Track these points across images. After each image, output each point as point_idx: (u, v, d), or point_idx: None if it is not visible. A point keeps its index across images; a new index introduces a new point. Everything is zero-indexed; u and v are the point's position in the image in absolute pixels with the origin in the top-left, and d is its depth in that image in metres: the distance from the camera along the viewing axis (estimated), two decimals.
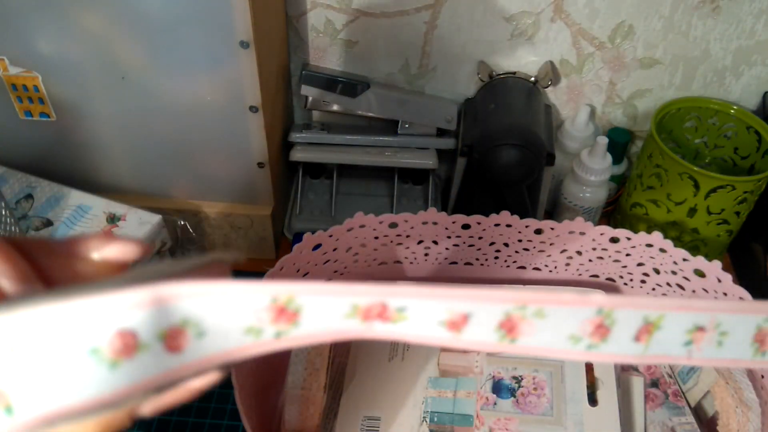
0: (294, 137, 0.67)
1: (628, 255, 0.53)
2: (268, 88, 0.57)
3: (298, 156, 0.67)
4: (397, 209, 0.70)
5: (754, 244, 0.68)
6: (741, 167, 0.66)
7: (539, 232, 0.53)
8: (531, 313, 0.18)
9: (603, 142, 0.63)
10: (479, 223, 0.53)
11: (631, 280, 0.56)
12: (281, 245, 0.69)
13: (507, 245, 0.55)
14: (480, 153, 0.61)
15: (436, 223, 0.53)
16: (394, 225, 0.53)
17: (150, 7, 0.50)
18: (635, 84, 0.68)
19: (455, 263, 0.57)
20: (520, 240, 0.54)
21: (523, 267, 0.57)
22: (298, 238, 0.67)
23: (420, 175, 0.72)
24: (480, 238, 0.54)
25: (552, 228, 0.53)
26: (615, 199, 0.72)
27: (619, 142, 0.69)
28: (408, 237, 0.54)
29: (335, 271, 0.55)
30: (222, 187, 0.63)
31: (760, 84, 0.67)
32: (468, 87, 0.69)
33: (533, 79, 0.66)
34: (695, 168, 0.58)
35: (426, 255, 0.56)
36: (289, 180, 0.73)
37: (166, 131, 0.58)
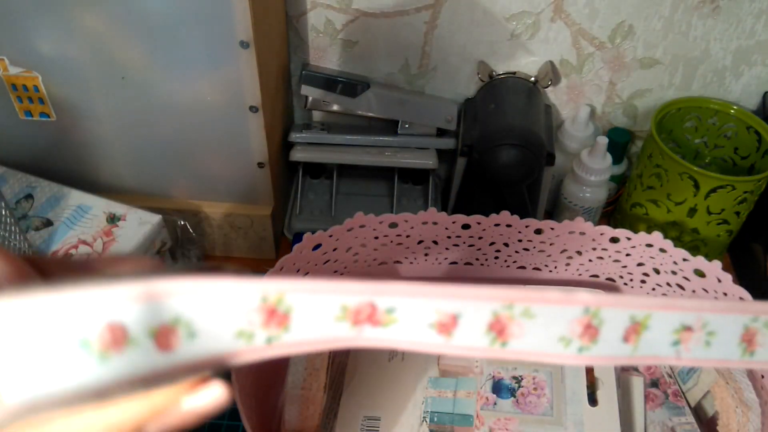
0: (294, 137, 0.67)
1: (628, 255, 0.53)
2: (268, 88, 0.57)
3: (298, 156, 0.67)
4: (397, 209, 0.70)
5: (754, 244, 0.68)
6: (741, 167, 0.66)
7: (539, 232, 0.53)
8: (519, 313, 0.18)
9: (603, 142, 0.63)
10: (479, 223, 0.53)
11: (631, 280, 0.56)
12: (281, 245, 0.69)
13: (507, 245, 0.55)
14: (480, 153, 0.61)
15: (436, 223, 0.53)
16: (394, 225, 0.53)
17: (150, 7, 0.50)
18: (635, 84, 0.68)
19: (455, 263, 0.57)
20: (520, 240, 0.54)
21: (523, 267, 0.57)
22: (298, 238, 0.67)
23: (420, 175, 0.72)
24: (480, 238, 0.54)
25: (552, 228, 0.53)
26: (615, 199, 0.72)
27: (619, 142, 0.69)
28: (408, 237, 0.54)
29: (335, 271, 0.55)
30: (222, 187, 0.63)
31: (760, 84, 0.67)
32: (468, 87, 0.69)
33: (533, 79, 0.66)
34: (695, 168, 0.58)
35: (426, 255, 0.56)
36: (289, 180, 0.73)
37: (166, 131, 0.58)
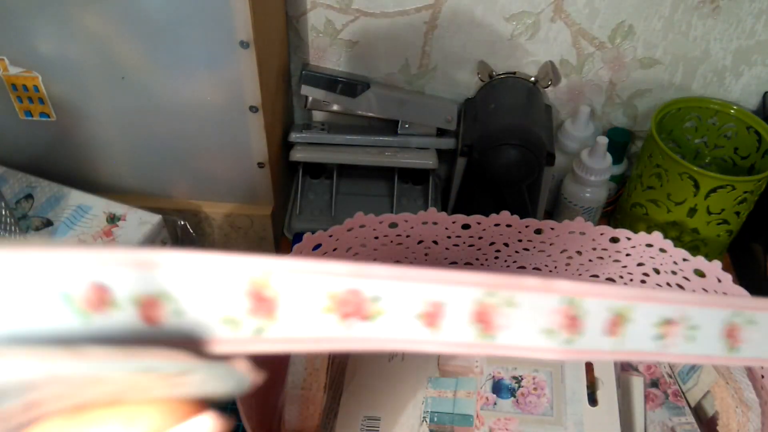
0: (294, 137, 0.67)
1: (628, 255, 0.53)
2: (268, 88, 0.57)
3: (298, 156, 0.67)
4: (397, 209, 0.70)
5: (754, 244, 0.68)
6: (741, 167, 0.66)
7: (539, 232, 0.53)
8: (502, 301, 0.18)
9: (603, 142, 0.63)
10: (479, 223, 0.53)
11: (631, 280, 0.56)
12: (281, 245, 0.69)
13: (507, 245, 0.55)
14: (480, 153, 0.61)
15: (436, 223, 0.53)
16: (394, 225, 0.53)
17: (150, 7, 0.50)
18: (635, 84, 0.68)
19: (455, 263, 0.57)
20: (520, 240, 0.54)
21: (523, 267, 0.57)
22: (298, 238, 0.67)
23: (420, 175, 0.72)
24: (480, 238, 0.54)
25: (552, 228, 0.53)
26: (615, 199, 0.72)
27: (619, 142, 0.69)
28: (408, 237, 0.54)
29: None
30: (222, 187, 0.63)
31: (760, 84, 0.67)
32: (468, 87, 0.69)
33: (533, 79, 0.66)
34: (695, 168, 0.58)
35: (426, 255, 0.56)
36: (289, 180, 0.73)
37: (166, 131, 0.58)
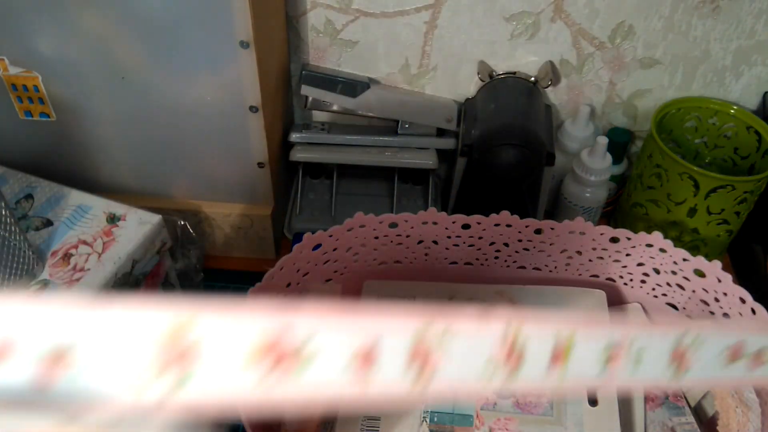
0: (294, 137, 0.67)
1: (628, 255, 0.53)
2: (268, 88, 0.57)
3: (298, 156, 0.67)
4: (397, 209, 0.70)
5: (754, 244, 0.68)
6: (741, 167, 0.66)
7: (539, 232, 0.53)
8: (440, 333, 0.17)
9: (603, 142, 0.63)
10: (479, 223, 0.53)
11: (631, 280, 0.56)
12: (281, 245, 0.69)
13: (507, 245, 0.55)
14: (480, 153, 0.61)
15: (436, 223, 0.53)
16: (394, 225, 0.53)
17: (150, 7, 0.50)
18: (635, 84, 0.68)
19: (455, 263, 0.57)
20: (520, 240, 0.54)
21: (523, 267, 0.57)
22: (298, 238, 0.67)
23: (420, 175, 0.72)
24: (480, 238, 0.54)
25: (552, 228, 0.53)
26: (615, 199, 0.72)
27: (619, 142, 0.69)
28: (408, 237, 0.54)
29: (335, 271, 0.55)
30: (222, 187, 0.63)
31: (760, 84, 0.67)
32: (468, 87, 0.69)
33: (533, 79, 0.66)
34: (695, 168, 0.58)
35: (426, 255, 0.56)
36: (289, 180, 0.73)
37: (166, 131, 0.58)
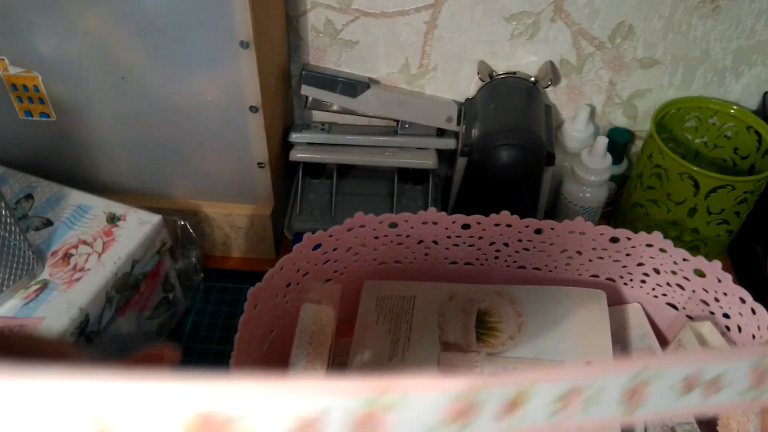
0: (294, 137, 0.67)
1: (628, 255, 0.53)
2: (268, 88, 0.57)
3: (298, 156, 0.67)
4: (397, 209, 0.70)
5: (754, 244, 0.68)
6: (741, 167, 0.66)
7: (539, 232, 0.53)
8: (390, 404, 0.16)
9: (603, 142, 0.63)
10: (479, 223, 0.53)
11: (631, 280, 0.56)
12: (281, 245, 0.69)
13: (507, 245, 0.55)
14: (480, 153, 0.61)
15: (436, 223, 0.53)
16: (394, 225, 0.53)
17: (150, 7, 0.50)
18: (635, 84, 0.68)
19: (455, 263, 0.57)
20: (520, 240, 0.54)
21: (523, 267, 0.57)
22: (298, 238, 0.67)
23: (420, 175, 0.72)
24: (480, 238, 0.54)
25: (552, 228, 0.53)
26: (615, 199, 0.72)
27: (619, 142, 0.69)
28: (408, 237, 0.54)
29: (335, 271, 0.55)
30: (222, 187, 0.63)
31: (760, 84, 0.67)
32: (468, 87, 0.69)
33: (533, 79, 0.66)
34: (695, 168, 0.58)
35: (426, 255, 0.56)
36: (289, 180, 0.73)
37: (166, 131, 0.58)
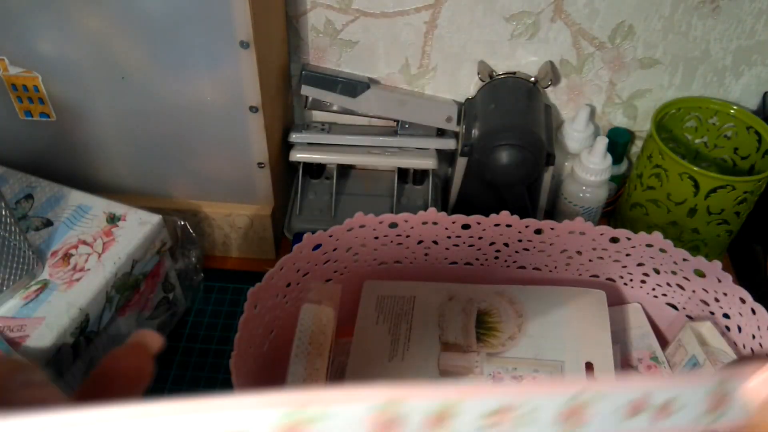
0: (294, 137, 0.67)
1: (628, 255, 0.53)
2: (268, 88, 0.57)
3: (298, 156, 0.67)
4: (397, 209, 0.70)
5: (754, 244, 0.68)
6: (741, 167, 0.66)
7: (539, 232, 0.53)
8: (312, 417, 0.16)
9: (603, 142, 0.63)
10: (479, 223, 0.53)
11: (631, 280, 0.56)
12: (281, 245, 0.69)
13: (507, 245, 0.55)
14: (480, 153, 0.61)
15: (436, 223, 0.53)
16: (394, 225, 0.53)
17: (150, 7, 0.50)
18: (635, 84, 0.68)
19: (455, 263, 0.57)
20: (520, 240, 0.54)
21: (523, 267, 0.57)
22: (298, 238, 0.67)
23: (420, 175, 0.72)
24: (480, 238, 0.54)
25: (552, 228, 0.53)
26: (615, 199, 0.72)
27: (619, 142, 0.69)
28: (408, 237, 0.54)
29: (335, 271, 0.55)
30: (222, 187, 0.63)
31: (760, 84, 0.67)
32: (468, 87, 0.69)
33: (533, 79, 0.66)
34: (695, 168, 0.58)
35: (426, 255, 0.56)
36: (289, 180, 0.73)
37: (166, 131, 0.58)
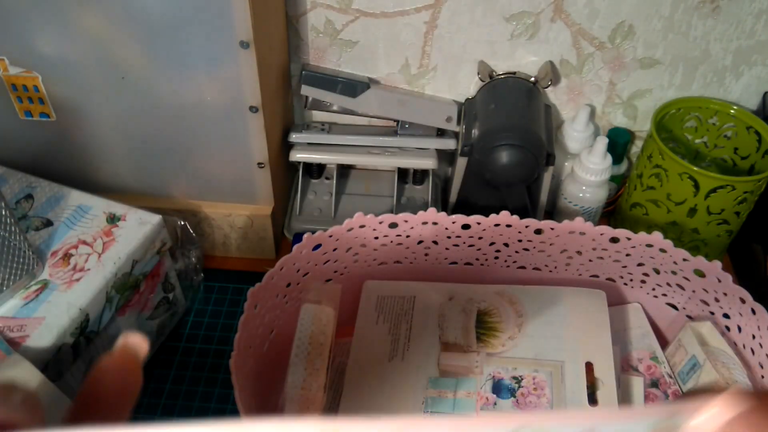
0: (294, 137, 0.67)
1: (628, 255, 0.53)
2: (268, 88, 0.57)
3: (298, 156, 0.67)
4: (397, 209, 0.70)
5: (754, 244, 0.68)
6: (741, 167, 0.66)
7: (539, 232, 0.53)
8: None
9: (603, 142, 0.63)
10: (479, 223, 0.53)
11: (631, 280, 0.56)
12: (281, 245, 0.69)
13: (507, 245, 0.55)
14: (480, 153, 0.61)
15: (436, 223, 0.53)
16: (394, 225, 0.53)
17: (150, 7, 0.50)
18: (635, 84, 0.68)
19: (455, 263, 0.57)
20: (520, 240, 0.54)
21: (523, 267, 0.57)
22: (298, 238, 0.67)
23: (420, 175, 0.72)
24: (480, 238, 0.54)
25: (552, 228, 0.53)
26: (615, 199, 0.72)
27: (619, 142, 0.69)
28: (408, 237, 0.54)
29: (335, 271, 0.55)
30: (222, 187, 0.63)
31: (760, 84, 0.67)
32: (468, 87, 0.69)
33: (533, 79, 0.66)
34: (695, 168, 0.58)
35: (426, 255, 0.56)
36: (289, 180, 0.73)
37: (166, 131, 0.58)
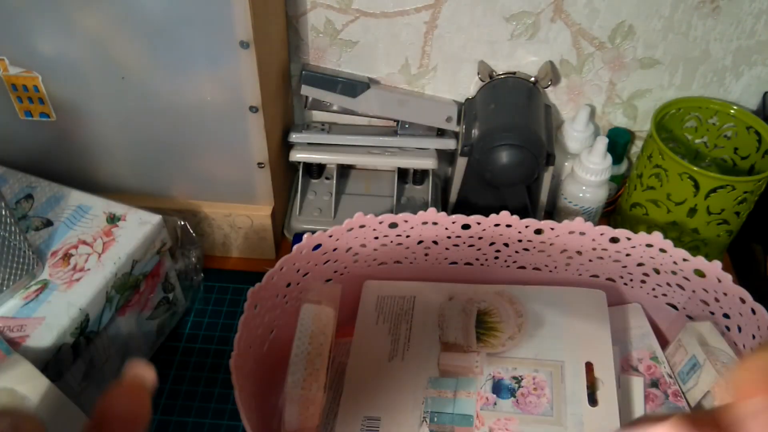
0: (294, 137, 0.67)
1: (628, 255, 0.53)
2: (268, 88, 0.57)
3: (298, 156, 0.67)
4: (397, 209, 0.70)
5: (754, 244, 0.68)
6: (741, 167, 0.66)
7: (539, 232, 0.53)
8: None
9: (603, 142, 0.63)
10: (479, 223, 0.53)
11: (631, 280, 0.56)
12: (281, 245, 0.69)
13: (507, 245, 0.55)
14: (480, 153, 0.61)
15: (436, 223, 0.53)
16: (394, 225, 0.53)
17: (150, 8, 0.50)
18: (635, 84, 0.68)
19: (455, 263, 0.57)
20: (520, 240, 0.54)
21: (523, 267, 0.57)
22: (298, 238, 0.67)
23: (420, 175, 0.72)
24: (480, 238, 0.54)
25: (552, 228, 0.53)
26: (615, 199, 0.72)
27: (619, 142, 0.69)
28: (408, 237, 0.54)
29: (335, 271, 0.55)
30: (222, 187, 0.63)
31: (760, 84, 0.67)
32: (468, 87, 0.69)
33: (533, 79, 0.66)
34: (695, 168, 0.58)
35: (426, 255, 0.56)
36: (289, 180, 0.73)
37: (166, 131, 0.58)
